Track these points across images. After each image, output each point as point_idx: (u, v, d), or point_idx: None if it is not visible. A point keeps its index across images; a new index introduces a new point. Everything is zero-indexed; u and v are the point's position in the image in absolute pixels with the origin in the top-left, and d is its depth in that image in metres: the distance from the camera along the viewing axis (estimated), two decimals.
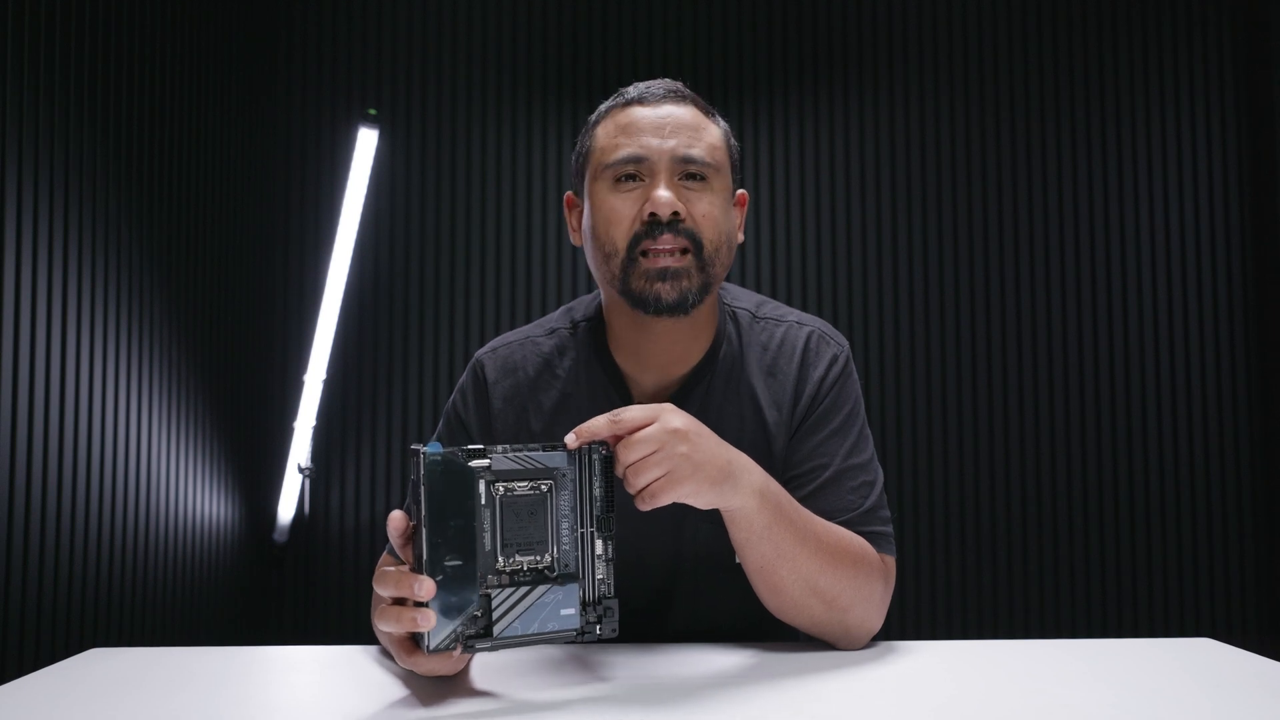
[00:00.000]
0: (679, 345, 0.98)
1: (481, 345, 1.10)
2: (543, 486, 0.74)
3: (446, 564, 0.71)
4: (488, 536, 0.73)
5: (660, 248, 0.90)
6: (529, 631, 0.74)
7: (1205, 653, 0.89)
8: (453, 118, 3.02)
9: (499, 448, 0.73)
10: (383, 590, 0.71)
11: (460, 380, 1.08)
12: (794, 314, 1.06)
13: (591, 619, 0.76)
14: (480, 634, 0.72)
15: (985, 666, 0.85)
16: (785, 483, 0.98)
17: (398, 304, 2.98)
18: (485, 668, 0.84)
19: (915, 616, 2.97)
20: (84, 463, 1.94)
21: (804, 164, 3.06)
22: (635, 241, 0.91)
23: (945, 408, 3.01)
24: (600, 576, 0.77)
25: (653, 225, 0.90)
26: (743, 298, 1.07)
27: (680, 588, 1.01)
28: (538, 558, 0.74)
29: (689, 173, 0.92)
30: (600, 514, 0.76)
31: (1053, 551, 2.98)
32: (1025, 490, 3.00)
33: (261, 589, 2.86)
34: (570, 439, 0.75)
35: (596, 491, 0.76)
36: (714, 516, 0.99)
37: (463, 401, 1.06)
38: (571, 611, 0.75)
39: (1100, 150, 3.07)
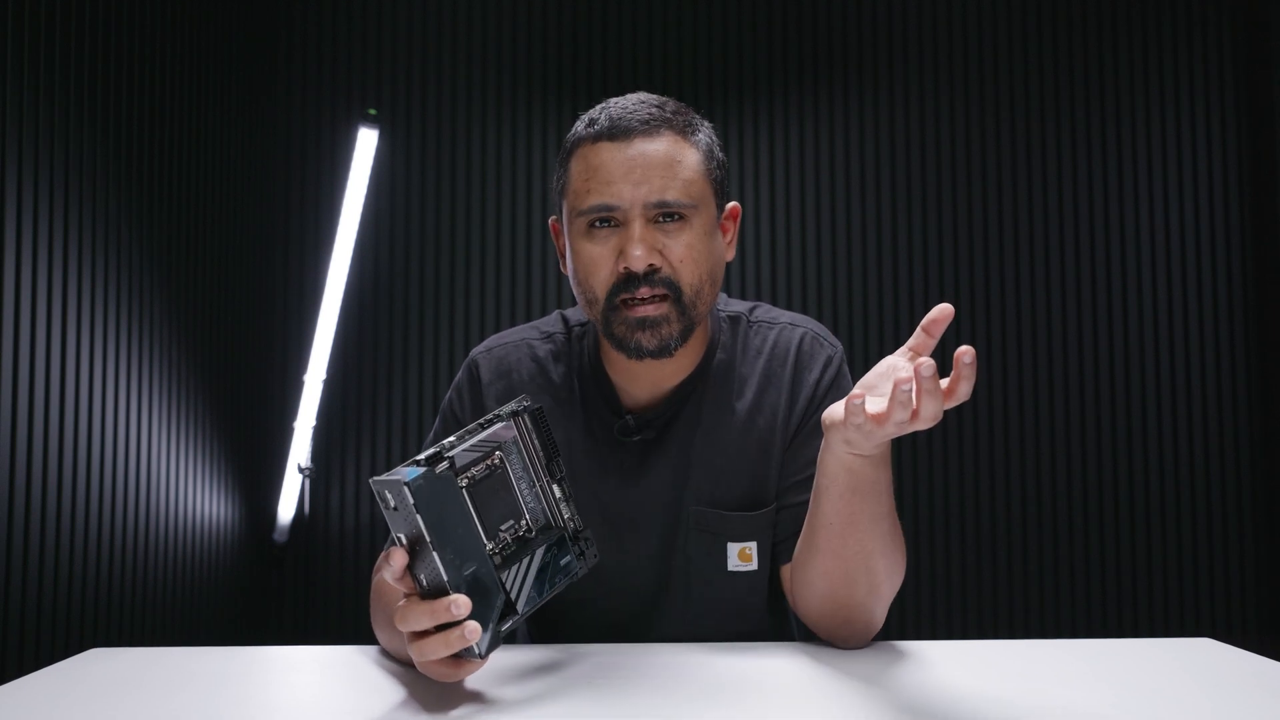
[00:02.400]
0: (669, 364, 0.98)
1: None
2: (496, 459, 0.76)
3: (466, 573, 0.71)
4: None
5: (638, 298, 0.89)
6: (544, 595, 0.78)
7: (1205, 653, 0.89)
8: (453, 118, 3.02)
9: (448, 442, 0.74)
10: (417, 625, 0.69)
11: (456, 378, 1.08)
12: (786, 315, 1.05)
13: (578, 553, 0.82)
14: (505, 614, 0.75)
15: (985, 666, 0.85)
16: (787, 488, 0.98)
17: (398, 304, 2.98)
18: (484, 667, 0.84)
19: (915, 616, 2.97)
20: (84, 463, 1.94)
21: (804, 164, 3.06)
22: (614, 291, 0.90)
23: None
24: (568, 515, 0.82)
25: (629, 278, 0.89)
26: (733, 303, 1.07)
27: (670, 596, 1.01)
28: (515, 524, 0.77)
29: (665, 214, 0.89)
30: (545, 462, 0.80)
31: (1053, 551, 2.98)
32: (1025, 490, 3.00)
33: (261, 589, 2.86)
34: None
35: (535, 443, 0.79)
36: (708, 525, 0.99)
37: (458, 400, 1.06)
38: (569, 558, 0.80)
39: (1100, 150, 3.07)
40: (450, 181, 3.01)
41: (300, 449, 2.75)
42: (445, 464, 0.72)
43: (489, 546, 0.74)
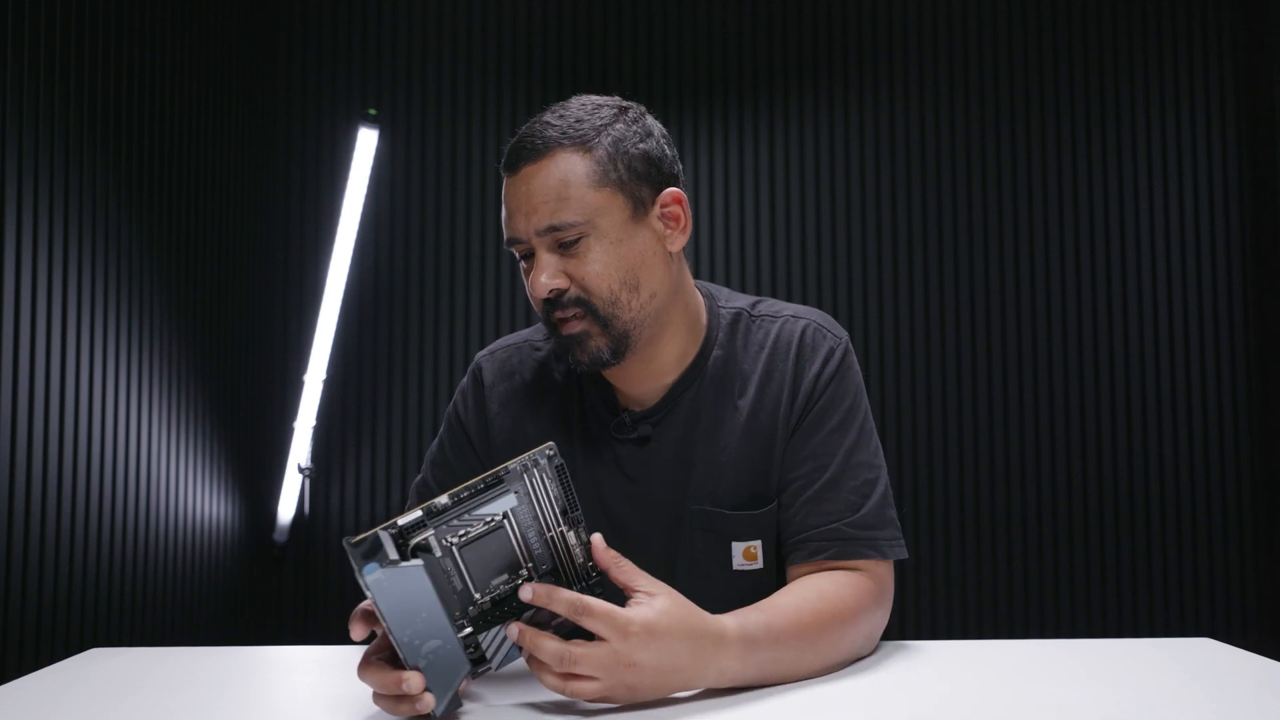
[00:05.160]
0: (654, 361, 0.98)
1: (482, 346, 1.12)
2: (497, 517, 0.72)
3: (425, 650, 0.70)
4: (456, 579, 0.71)
5: (559, 319, 0.92)
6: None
7: (1205, 653, 0.89)
8: (453, 118, 3.02)
9: (439, 503, 0.69)
10: (372, 685, 0.71)
11: (461, 383, 1.09)
12: (790, 308, 1.04)
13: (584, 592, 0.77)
14: (477, 661, 0.73)
15: (985, 667, 0.85)
16: (788, 484, 0.98)
17: (398, 304, 2.98)
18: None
19: (915, 616, 2.97)
20: (84, 463, 1.93)
21: (804, 163, 3.06)
22: (546, 315, 0.94)
23: (945, 407, 3.01)
24: (580, 561, 0.76)
25: (546, 302, 0.92)
26: (738, 298, 1.06)
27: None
28: (511, 577, 0.73)
29: (562, 240, 0.89)
30: (559, 512, 0.74)
31: (1053, 551, 2.98)
32: (1025, 490, 3.00)
33: (261, 589, 2.86)
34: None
35: (551, 493, 0.74)
36: (711, 524, 0.98)
37: (463, 404, 1.07)
38: (560, 618, 0.75)
39: (1100, 150, 3.07)
40: (450, 181, 3.01)
41: (300, 449, 2.75)
42: (428, 533, 0.69)
43: (478, 597, 0.72)
